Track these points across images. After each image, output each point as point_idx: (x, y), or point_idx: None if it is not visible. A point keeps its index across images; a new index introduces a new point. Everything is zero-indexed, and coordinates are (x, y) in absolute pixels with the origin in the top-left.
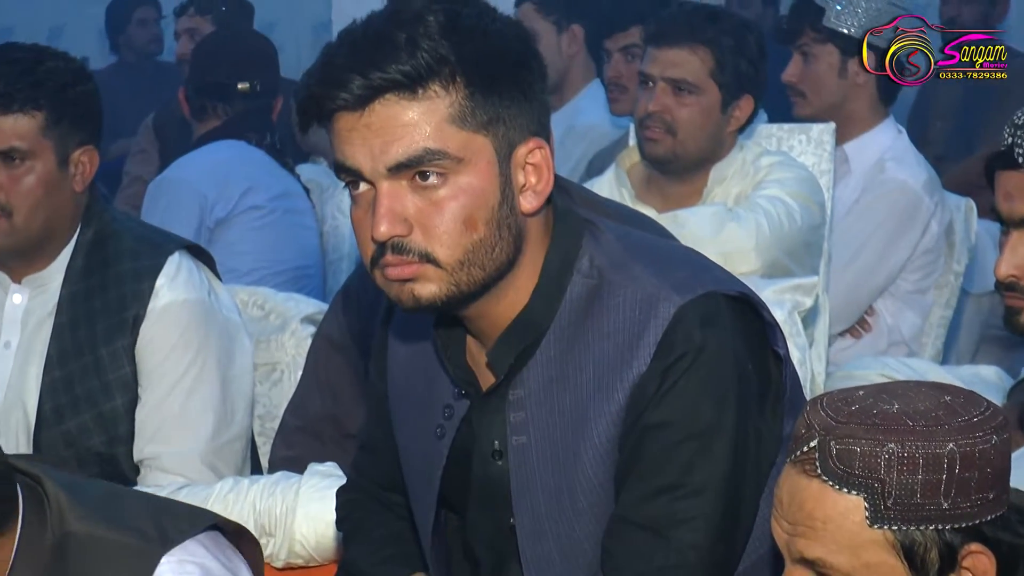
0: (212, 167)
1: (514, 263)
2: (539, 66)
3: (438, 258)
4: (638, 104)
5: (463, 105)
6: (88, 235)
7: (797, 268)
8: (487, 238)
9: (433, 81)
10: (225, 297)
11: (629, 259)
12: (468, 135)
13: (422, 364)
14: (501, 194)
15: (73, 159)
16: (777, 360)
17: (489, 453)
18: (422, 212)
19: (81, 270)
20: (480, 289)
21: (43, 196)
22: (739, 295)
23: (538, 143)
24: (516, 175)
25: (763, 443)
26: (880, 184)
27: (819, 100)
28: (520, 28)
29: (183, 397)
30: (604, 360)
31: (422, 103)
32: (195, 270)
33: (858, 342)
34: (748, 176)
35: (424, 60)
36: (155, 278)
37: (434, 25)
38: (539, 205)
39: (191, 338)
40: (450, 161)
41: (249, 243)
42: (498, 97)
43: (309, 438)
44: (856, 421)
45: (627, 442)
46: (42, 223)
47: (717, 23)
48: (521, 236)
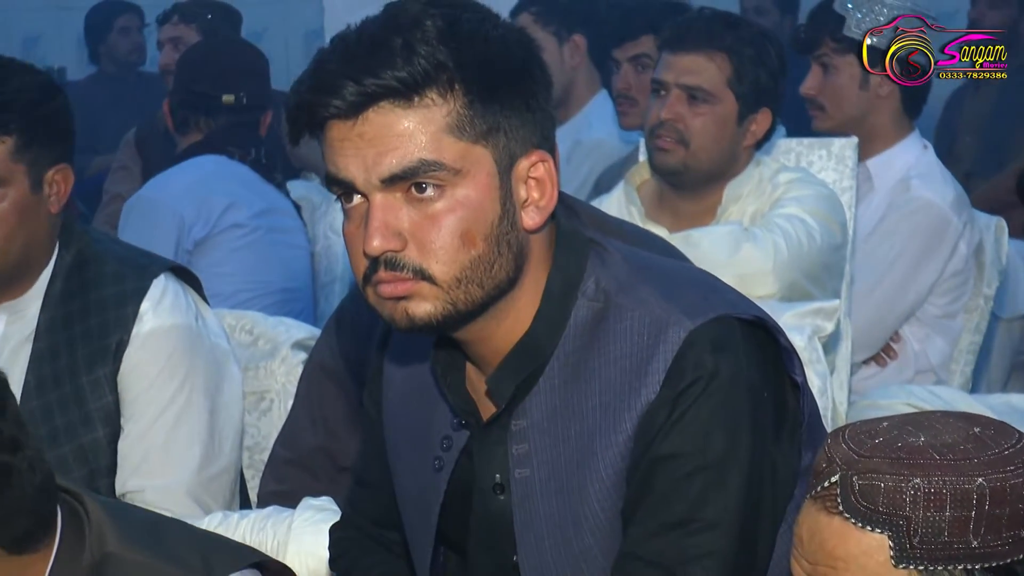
0: (190, 185)
1: (515, 282)
2: (543, 75)
3: (433, 275)
4: (649, 113)
5: (461, 114)
6: (67, 258)
7: (817, 291)
8: (485, 254)
9: (430, 89)
10: (213, 322)
11: (637, 281)
12: (466, 146)
13: (420, 392)
14: (501, 208)
15: (47, 180)
16: (794, 388)
17: (490, 487)
18: (417, 226)
19: (60, 295)
20: (478, 309)
21: (18, 224)
22: (753, 319)
23: (541, 156)
24: (517, 189)
25: (779, 475)
26: (905, 203)
27: (840, 113)
28: (523, 35)
29: (168, 427)
30: (611, 388)
31: (418, 111)
32: (182, 293)
33: (883, 370)
34: (765, 194)
35: (421, 66)
36: (139, 302)
37: (432, 30)
38: (542, 221)
39: (177, 365)
40: (447, 173)
41: (231, 264)
42: (498, 106)
43: (300, 472)
44: (880, 455)
45: (635, 474)
46: (19, 251)
47: (737, 30)
48: (522, 254)
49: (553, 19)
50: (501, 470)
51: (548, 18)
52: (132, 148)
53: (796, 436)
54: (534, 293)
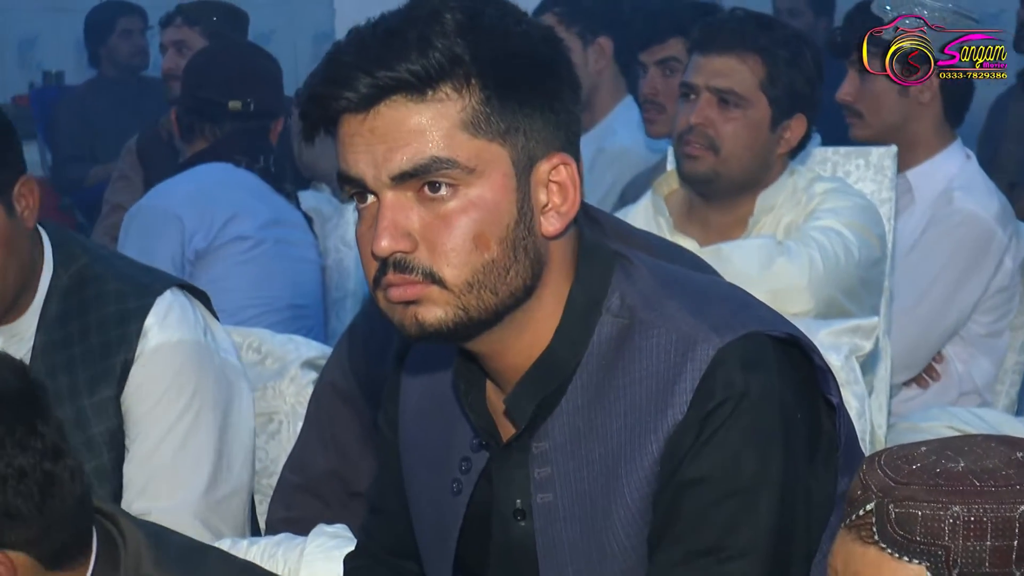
0: (192, 193)
1: (532, 291)
2: (568, 75)
3: (444, 278)
4: (678, 118)
5: (477, 110)
6: (63, 279)
7: (855, 308)
8: (499, 259)
9: (445, 83)
10: (223, 338)
11: (664, 296)
12: (482, 144)
13: (438, 412)
14: (518, 211)
15: (15, 197)
16: (829, 409)
17: (511, 513)
18: (428, 227)
19: (56, 317)
20: (492, 317)
21: (7, 255)
22: (786, 336)
23: (564, 159)
24: (537, 193)
25: (814, 501)
26: (947, 216)
27: (878, 121)
28: (549, 32)
29: (175, 447)
30: (636, 408)
31: (431, 106)
32: (189, 308)
33: (924, 392)
34: (800, 204)
35: (435, 59)
36: (143, 319)
37: (451, 23)
38: (562, 227)
39: (185, 382)
40: (460, 171)
41: (235, 278)
42: (517, 104)
43: (311, 497)
44: (917, 481)
45: (662, 499)
46: (14, 280)
47: (771, 32)
48: (540, 261)
49: (578, 20)
50: (522, 495)
51: (573, 18)
52: (133, 156)
53: (832, 460)
54: (555, 307)
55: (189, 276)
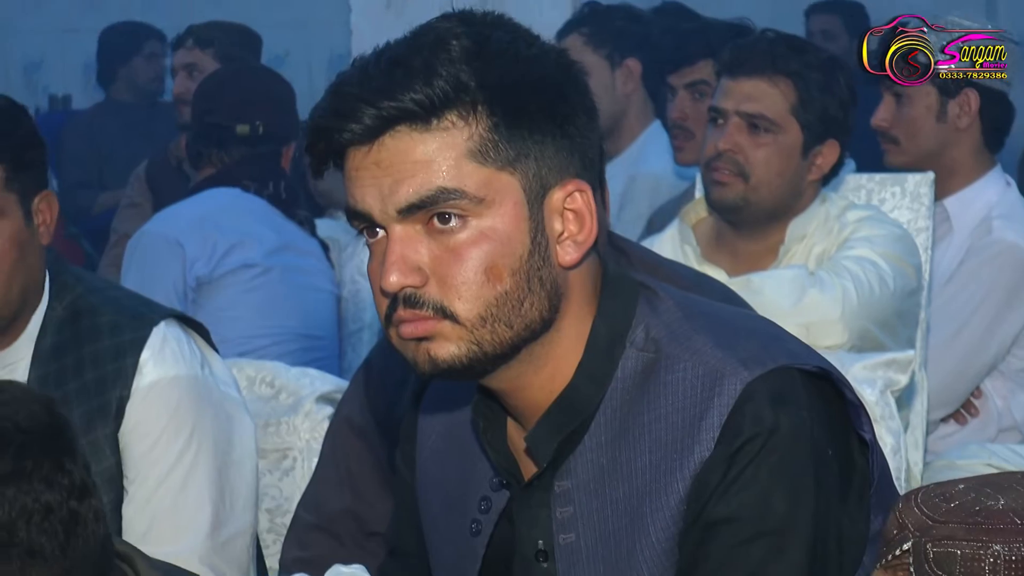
0: (194, 219)
1: (550, 324)
2: (582, 98)
3: (456, 313)
4: (706, 143)
5: (485, 138)
6: (58, 310)
7: (890, 341)
8: (513, 291)
9: (450, 111)
10: (221, 370)
11: (691, 329)
12: (491, 172)
13: (457, 450)
14: (531, 241)
15: (35, 209)
16: (862, 445)
17: (533, 554)
18: (438, 260)
19: (51, 350)
20: (507, 350)
21: (17, 258)
22: (817, 370)
23: (579, 186)
24: (551, 221)
25: (846, 541)
26: (987, 246)
27: (915, 147)
28: (561, 55)
29: (176, 489)
30: (662, 445)
31: (437, 136)
32: (184, 341)
33: (963, 428)
34: (832, 233)
35: (440, 87)
36: (139, 353)
37: (456, 49)
38: (579, 257)
39: (183, 420)
40: (469, 202)
41: (241, 307)
42: (527, 131)
43: (326, 537)
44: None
45: (689, 539)
46: (19, 291)
47: (803, 55)
48: (558, 292)
49: (605, 41)
50: (544, 535)
51: (600, 40)
52: (142, 183)
53: (865, 498)
54: (576, 340)
55: (192, 304)
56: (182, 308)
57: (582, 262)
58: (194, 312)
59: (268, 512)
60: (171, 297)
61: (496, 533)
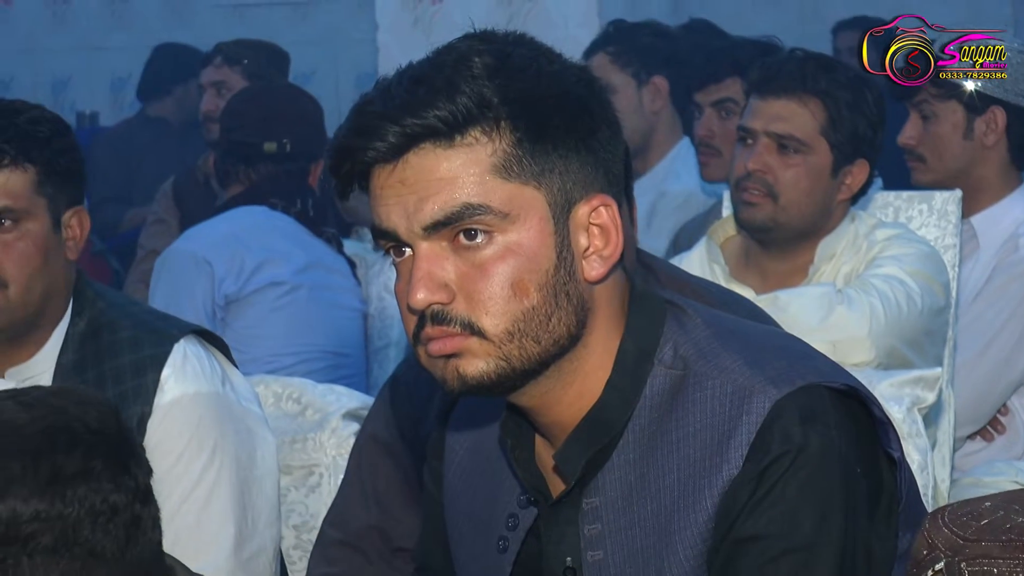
0: (223, 237)
1: (577, 340)
2: (606, 113)
3: (484, 328)
4: (735, 163)
5: (509, 153)
6: (80, 326)
7: (918, 359)
8: (540, 306)
9: (474, 127)
10: (242, 386)
11: (719, 347)
12: (515, 187)
13: (485, 467)
14: (557, 256)
15: (65, 221)
16: (891, 463)
17: (561, 571)
18: (465, 276)
19: (73, 366)
20: (536, 366)
21: (41, 264)
22: (846, 388)
23: (604, 200)
24: (577, 236)
25: (874, 559)
26: (1014, 263)
27: (941, 165)
28: (583, 72)
29: (199, 507)
30: (690, 463)
31: (461, 152)
32: (205, 358)
33: (989, 445)
34: (860, 251)
35: (463, 104)
36: (160, 370)
37: (479, 66)
38: (605, 271)
39: (205, 437)
40: (494, 217)
41: (270, 325)
42: (551, 145)
43: (352, 553)
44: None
45: (717, 558)
46: (39, 296)
47: (832, 74)
48: (585, 308)
49: (632, 60)
50: (573, 552)
51: (626, 59)
52: (169, 200)
53: (893, 516)
54: (604, 357)
55: (221, 322)
56: (210, 326)
57: (608, 277)
58: (222, 330)
59: (294, 528)
60: (200, 315)
61: (523, 550)
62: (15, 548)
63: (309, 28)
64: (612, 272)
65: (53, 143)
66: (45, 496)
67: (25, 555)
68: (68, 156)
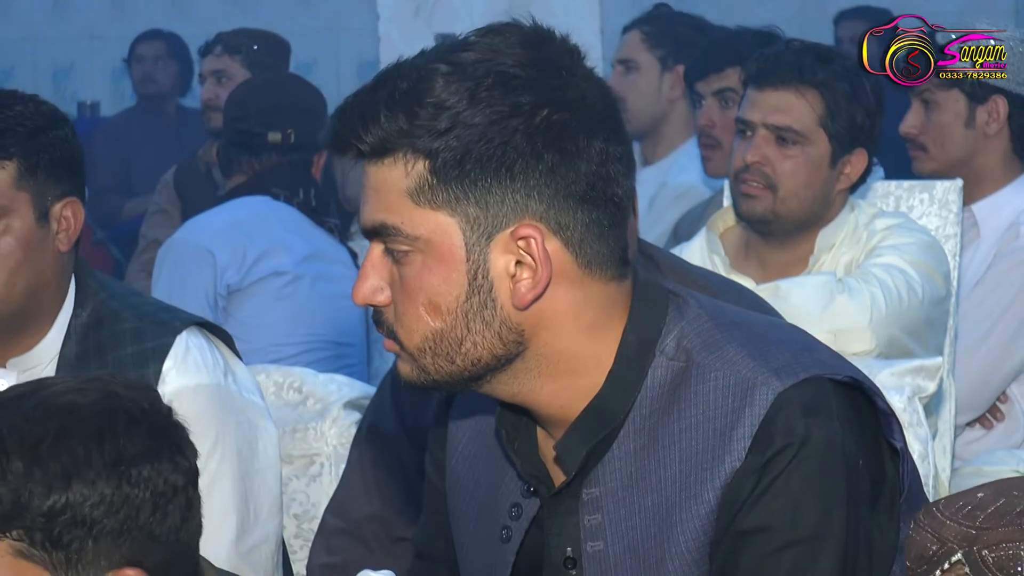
0: (225, 226)
1: (514, 356)
2: (546, 141)
3: (400, 339)
4: (734, 155)
5: (423, 178)
6: (83, 317)
7: (918, 348)
8: (450, 329)
9: (392, 152)
10: (244, 377)
11: (722, 339)
12: (427, 212)
13: (488, 456)
14: (469, 283)
15: (54, 214)
16: (894, 455)
17: (561, 561)
18: (394, 287)
19: (75, 358)
20: (462, 380)
21: (23, 259)
22: (849, 380)
23: (531, 230)
24: (498, 264)
25: (875, 550)
26: (1015, 251)
27: (943, 154)
28: (517, 102)
29: None
30: (692, 455)
31: (383, 171)
32: (207, 349)
33: (989, 433)
34: (861, 241)
35: (378, 134)
36: (161, 361)
37: (401, 95)
38: (533, 298)
39: (206, 428)
40: (405, 239)
41: (272, 314)
42: (469, 175)
43: (353, 542)
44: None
45: (719, 550)
46: (23, 290)
47: (830, 64)
48: (515, 331)
49: (664, 43)
50: (573, 543)
51: (658, 40)
52: (170, 189)
53: (895, 507)
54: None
55: (223, 312)
56: (213, 316)
57: (536, 302)
58: (224, 320)
59: (295, 518)
60: (202, 305)
61: (526, 540)
62: (81, 531)
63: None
64: (540, 297)
65: (38, 137)
66: (112, 479)
67: (91, 539)
68: (56, 149)
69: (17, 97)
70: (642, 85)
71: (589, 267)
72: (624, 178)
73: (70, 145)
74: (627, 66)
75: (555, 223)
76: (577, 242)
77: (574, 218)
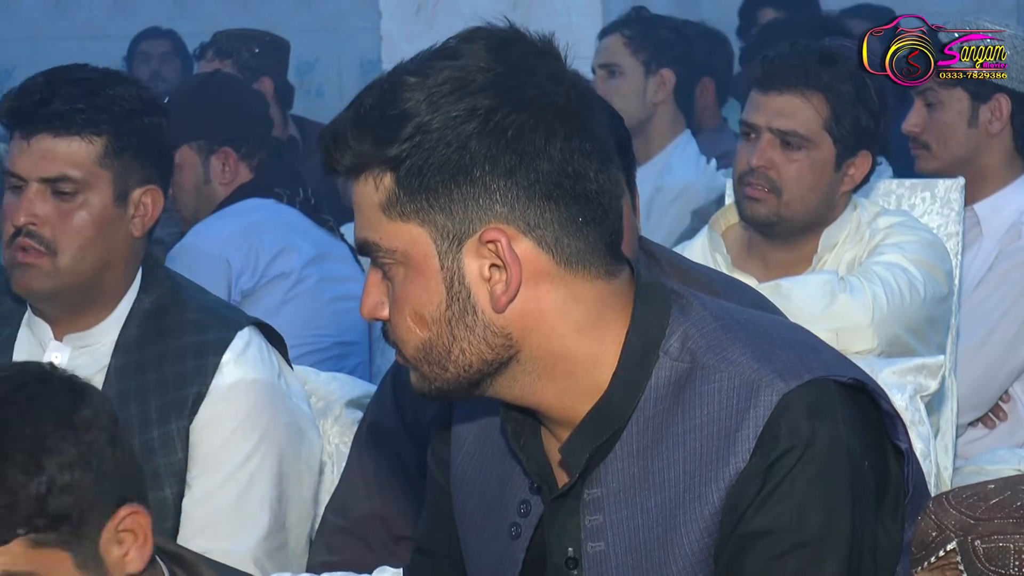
0: (237, 231)
1: (508, 361)
2: (509, 142)
3: (401, 351)
4: (738, 158)
5: (392, 191)
6: (145, 303)
7: (920, 346)
8: (437, 338)
9: (366, 170)
10: (296, 385)
11: (726, 339)
12: (399, 225)
13: (495, 453)
14: (447, 291)
15: (133, 198)
16: (898, 456)
17: (563, 561)
18: (389, 301)
19: (135, 340)
20: (462, 386)
21: (95, 235)
22: (854, 381)
23: (499, 232)
24: (472, 269)
25: (881, 552)
26: (1017, 251)
27: (946, 153)
28: (475, 107)
29: (240, 488)
30: (695, 456)
31: (360, 189)
32: (265, 349)
33: (991, 432)
34: (863, 240)
35: (349, 159)
36: (221, 353)
37: (365, 113)
38: (507, 300)
39: (256, 423)
40: (384, 253)
41: (280, 316)
42: (432, 186)
43: (354, 540)
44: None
45: (724, 552)
46: (91, 267)
47: (834, 67)
48: (502, 334)
49: (646, 47)
50: (574, 543)
51: (640, 44)
52: None
53: (900, 509)
54: (611, 355)
55: None
56: None
57: (507, 307)
58: None
59: None
60: None
61: (535, 537)
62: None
63: (312, 16)
64: (514, 300)
65: (132, 120)
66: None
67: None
68: (147, 135)
69: (121, 78)
70: (625, 89)
71: (570, 265)
72: (598, 173)
73: (160, 133)
74: (609, 71)
75: (523, 223)
76: (552, 241)
77: (543, 217)
